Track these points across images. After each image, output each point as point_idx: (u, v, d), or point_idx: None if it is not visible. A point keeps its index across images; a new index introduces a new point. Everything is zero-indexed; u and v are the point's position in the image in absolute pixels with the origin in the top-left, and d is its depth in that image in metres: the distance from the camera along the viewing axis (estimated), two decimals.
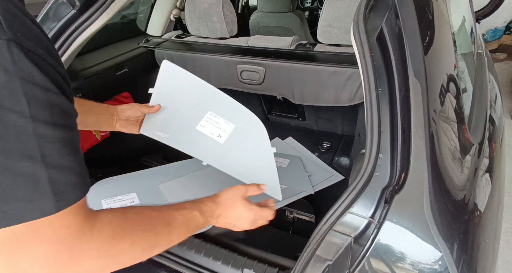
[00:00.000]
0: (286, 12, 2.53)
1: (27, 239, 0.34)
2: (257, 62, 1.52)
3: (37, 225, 0.34)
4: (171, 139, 0.91)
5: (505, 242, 1.78)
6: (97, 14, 1.23)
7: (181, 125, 0.90)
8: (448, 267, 0.60)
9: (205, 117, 0.90)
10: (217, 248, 1.03)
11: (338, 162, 1.74)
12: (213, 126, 0.89)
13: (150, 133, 0.91)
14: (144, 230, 0.46)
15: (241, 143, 0.89)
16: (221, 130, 0.89)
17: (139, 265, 0.94)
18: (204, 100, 0.90)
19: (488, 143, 0.97)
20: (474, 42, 1.48)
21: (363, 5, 0.85)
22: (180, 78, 0.90)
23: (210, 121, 0.90)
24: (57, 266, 0.36)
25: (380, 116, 0.73)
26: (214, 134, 0.89)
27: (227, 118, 0.90)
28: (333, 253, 0.66)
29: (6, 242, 0.33)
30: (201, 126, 0.90)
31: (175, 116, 0.90)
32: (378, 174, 0.70)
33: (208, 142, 0.89)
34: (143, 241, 0.46)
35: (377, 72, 0.77)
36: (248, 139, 0.89)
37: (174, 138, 0.91)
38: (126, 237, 0.43)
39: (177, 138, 0.91)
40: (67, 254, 0.37)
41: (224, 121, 0.89)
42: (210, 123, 0.90)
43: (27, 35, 0.35)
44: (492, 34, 4.33)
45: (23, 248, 0.34)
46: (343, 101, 1.45)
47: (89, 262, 0.39)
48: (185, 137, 0.90)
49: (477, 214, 0.73)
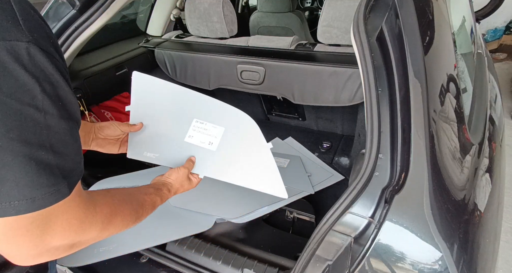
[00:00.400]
0: (286, 12, 2.53)
1: (51, 218, 0.41)
2: (257, 62, 1.52)
3: (56, 206, 0.40)
4: (161, 158, 0.84)
5: (505, 242, 1.78)
6: (97, 14, 1.23)
7: (169, 141, 0.83)
8: (448, 267, 0.60)
9: (192, 127, 0.83)
10: (217, 248, 1.03)
11: (338, 162, 1.74)
12: (201, 134, 0.83)
13: (138, 156, 0.83)
14: (128, 208, 0.58)
15: (234, 145, 0.84)
16: (211, 136, 0.84)
17: (139, 265, 0.94)
18: (186, 107, 0.84)
19: (488, 143, 0.97)
20: (474, 42, 1.48)
21: (363, 5, 0.85)
22: (155, 89, 0.82)
23: (197, 130, 0.84)
24: (74, 236, 0.45)
25: (380, 116, 0.73)
26: (204, 142, 0.83)
27: (214, 122, 0.84)
28: (333, 253, 0.66)
29: (34, 222, 0.39)
30: (190, 137, 0.83)
31: (160, 132, 0.83)
32: (378, 174, 0.70)
33: (200, 152, 0.83)
34: (128, 216, 0.57)
35: (377, 72, 0.77)
36: (241, 139, 0.84)
37: (164, 156, 0.84)
38: (118, 213, 0.54)
39: (167, 156, 0.84)
40: (80, 227, 0.45)
41: (212, 127, 0.84)
42: (198, 131, 0.84)
43: (41, 34, 0.40)
44: (492, 34, 4.33)
45: (48, 225, 0.41)
46: (343, 101, 1.45)
47: (95, 232, 0.49)
48: (175, 152, 0.83)
49: (477, 214, 0.72)
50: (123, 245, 1.02)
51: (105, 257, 0.98)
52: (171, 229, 1.09)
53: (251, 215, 1.18)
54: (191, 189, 0.84)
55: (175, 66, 1.77)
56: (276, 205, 1.23)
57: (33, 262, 0.43)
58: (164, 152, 0.84)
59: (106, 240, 1.03)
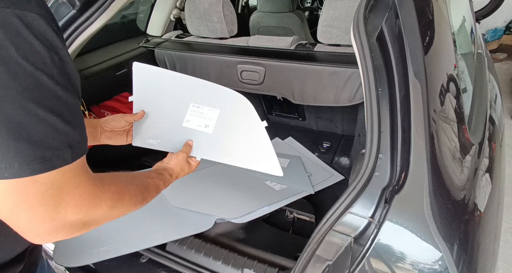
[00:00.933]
0: (286, 12, 2.53)
1: (63, 189, 0.42)
2: (257, 62, 1.52)
3: (68, 179, 0.42)
4: (162, 144, 0.87)
5: (505, 242, 1.78)
6: (97, 14, 1.23)
7: (168, 126, 0.87)
8: (448, 267, 0.60)
9: (189, 111, 0.86)
10: (217, 248, 1.03)
11: (338, 162, 1.74)
12: (198, 118, 0.86)
13: (142, 143, 0.87)
14: (134, 189, 0.59)
15: (230, 126, 0.86)
16: (207, 119, 0.86)
17: (139, 265, 0.94)
18: (184, 93, 0.87)
19: (488, 143, 0.97)
20: (474, 42, 1.48)
21: (363, 5, 0.85)
22: (155, 77, 0.86)
23: (194, 114, 0.87)
24: (86, 211, 0.46)
25: (380, 116, 0.73)
26: (201, 126, 0.86)
27: (210, 104, 0.87)
28: (333, 253, 0.66)
29: (48, 190, 0.41)
30: (187, 122, 0.86)
31: (160, 119, 0.87)
32: (378, 174, 0.70)
33: (198, 136, 0.86)
34: (135, 196, 0.58)
35: (377, 72, 0.77)
36: (235, 119, 0.86)
37: (164, 141, 0.87)
38: (125, 192, 0.55)
39: (167, 141, 0.87)
40: (91, 203, 0.46)
41: (208, 110, 0.87)
42: (195, 115, 0.87)
43: (48, 12, 0.42)
44: (492, 34, 4.33)
45: (61, 197, 0.42)
46: (343, 101, 1.45)
47: (106, 209, 0.50)
48: (174, 137, 0.87)
49: (477, 214, 0.73)
50: (123, 245, 1.02)
51: (104, 257, 0.98)
52: (171, 229, 1.09)
53: (251, 215, 1.18)
54: (190, 173, 0.85)
55: (175, 66, 1.77)
56: (276, 205, 1.23)
57: (49, 239, 0.44)
58: (165, 138, 0.87)
59: (106, 240, 1.03)
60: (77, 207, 0.44)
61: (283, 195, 1.31)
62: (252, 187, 1.35)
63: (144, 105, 0.85)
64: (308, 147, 1.79)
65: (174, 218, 1.16)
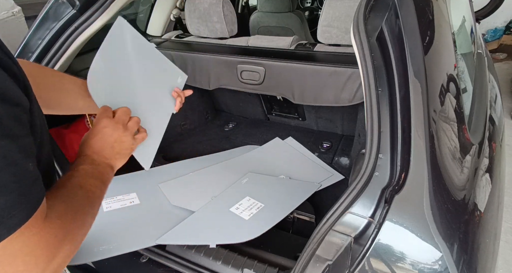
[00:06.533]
0: (286, 12, 2.53)
1: (5, 254, 0.36)
2: (257, 62, 1.52)
3: (6, 243, 0.35)
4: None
5: (505, 242, 1.78)
6: (97, 14, 1.23)
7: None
8: (448, 267, 0.60)
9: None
10: (217, 248, 1.03)
11: (338, 162, 1.74)
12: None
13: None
14: (88, 211, 0.52)
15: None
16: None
17: (139, 265, 0.93)
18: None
19: (488, 143, 0.97)
20: (474, 42, 1.48)
21: (363, 5, 0.85)
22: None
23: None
24: (37, 270, 0.39)
25: (380, 116, 0.73)
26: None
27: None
28: (333, 253, 0.66)
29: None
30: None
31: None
32: (378, 174, 0.70)
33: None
34: (87, 217, 0.52)
35: (377, 72, 0.77)
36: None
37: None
38: (77, 220, 0.48)
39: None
40: (41, 260, 0.40)
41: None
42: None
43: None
44: (492, 34, 4.33)
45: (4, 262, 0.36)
46: (343, 101, 1.45)
47: (61, 258, 0.43)
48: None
49: (477, 214, 0.73)
50: (124, 244, 1.02)
51: (105, 255, 0.98)
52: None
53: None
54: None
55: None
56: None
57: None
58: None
59: (107, 238, 1.03)
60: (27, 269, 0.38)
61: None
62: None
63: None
64: (308, 146, 1.79)
65: (175, 217, 1.16)
